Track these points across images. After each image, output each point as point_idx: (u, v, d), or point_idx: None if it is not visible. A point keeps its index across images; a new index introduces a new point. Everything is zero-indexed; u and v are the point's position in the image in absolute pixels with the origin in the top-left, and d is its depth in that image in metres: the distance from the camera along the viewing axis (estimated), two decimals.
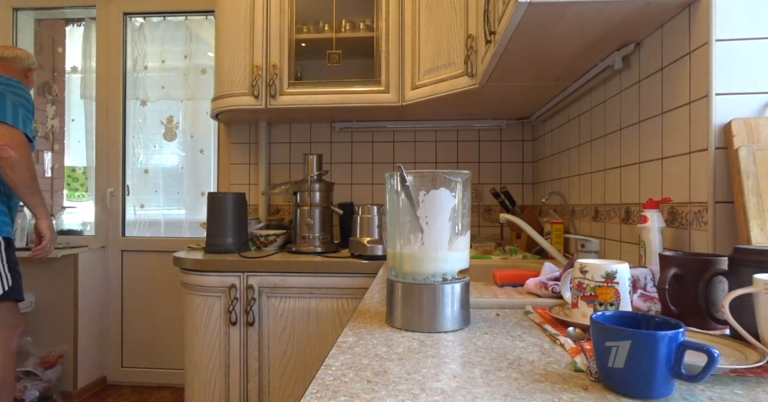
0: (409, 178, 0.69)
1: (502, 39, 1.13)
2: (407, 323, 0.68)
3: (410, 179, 0.69)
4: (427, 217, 0.68)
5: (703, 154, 0.86)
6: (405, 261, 0.69)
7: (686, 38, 0.92)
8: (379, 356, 0.57)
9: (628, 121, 1.19)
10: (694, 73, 0.89)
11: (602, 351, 0.45)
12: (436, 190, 0.67)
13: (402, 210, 0.69)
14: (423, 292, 0.68)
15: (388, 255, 0.73)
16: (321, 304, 1.56)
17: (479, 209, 2.18)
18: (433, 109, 1.92)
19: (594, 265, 0.69)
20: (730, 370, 0.49)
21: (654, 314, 0.47)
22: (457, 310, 0.69)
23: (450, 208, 0.68)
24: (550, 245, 0.65)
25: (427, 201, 0.67)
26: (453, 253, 0.69)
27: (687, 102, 0.92)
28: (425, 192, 0.68)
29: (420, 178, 0.69)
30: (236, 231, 1.76)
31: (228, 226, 1.74)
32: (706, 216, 0.85)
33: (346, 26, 1.92)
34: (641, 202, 1.12)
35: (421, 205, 0.68)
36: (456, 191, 0.68)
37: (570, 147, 1.64)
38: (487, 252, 1.60)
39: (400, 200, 0.69)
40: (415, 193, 0.68)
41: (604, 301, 0.67)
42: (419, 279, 0.68)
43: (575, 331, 0.63)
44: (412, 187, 0.68)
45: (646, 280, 0.85)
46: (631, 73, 1.18)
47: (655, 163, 1.05)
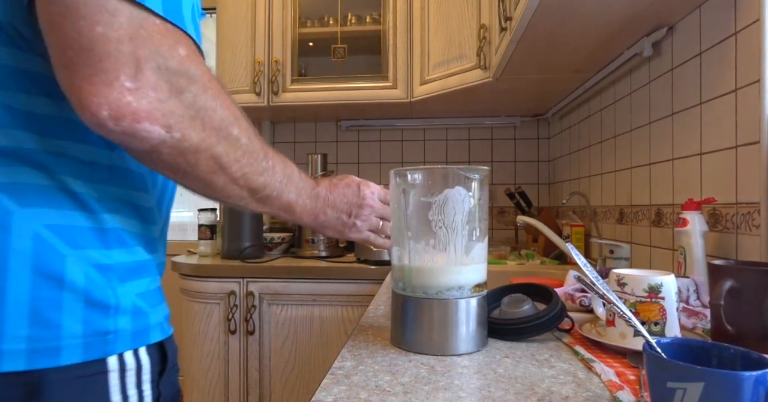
0: (418, 175, 0.59)
1: (519, 25, 1.03)
2: (415, 344, 0.58)
3: (419, 176, 0.59)
4: (440, 221, 0.58)
5: (754, 147, 0.75)
6: (413, 272, 0.60)
7: (731, 17, 0.82)
8: (380, 388, 0.47)
9: (659, 114, 1.08)
10: (742, 56, 0.79)
11: (663, 393, 0.35)
12: (451, 189, 0.57)
13: (410, 213, 0.60)
14: (434, 308, 0.58)
15: (393, 265, 0.63)
16: (325, 311, 1.47)
17: (492, 211, 2.07)
18: (443, 106, 1.82)
19: (634, 276, 0.59)
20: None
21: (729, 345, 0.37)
22: (474, 329, 0.59)
23: (467, 210, 0.58)
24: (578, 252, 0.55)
25: (439, 202, 0.57)
26: (470, 264, 0.59)
27: (732, 89, 0.81)
28: (437, 191, 0.58)
29: (431, 175, 0.59)
30: (255, 235, 1.67)
31: (246, 229, 1.64)
32: (757, 218, 0.75)
33: (352, 20, 1.84)
34: (675, 202, 1.01)
35: (432, 207, 0.58)
36: (473, 190, 0.58)
37: (591, 144, 1.53)
38: (502, 257, 1.50)
39: (408, 201, 0.59)
40: (426, 193, 0.58)
41: (647, 319, 0.57)
42: (431, 293, 0.58)
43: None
44: (422, 185, 0.59)
45: (688, 292, 0.74)
46: (662, 61, 1.07)
47: (692, 159, 0.95)
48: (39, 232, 0.41)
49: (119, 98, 0.36)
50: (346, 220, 0.61)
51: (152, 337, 0.49)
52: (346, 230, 0.62)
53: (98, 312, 0.44)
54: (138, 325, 0.47)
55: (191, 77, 0.40)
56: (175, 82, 0.39)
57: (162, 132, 0.39)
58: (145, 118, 0.37)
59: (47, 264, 0.41)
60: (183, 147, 0.41)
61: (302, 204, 0.56)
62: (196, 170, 0.43)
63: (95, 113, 0.36)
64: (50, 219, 0.42)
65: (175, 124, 0.39)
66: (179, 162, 0.42)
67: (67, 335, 0.42)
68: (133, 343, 0.46)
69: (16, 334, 0.40)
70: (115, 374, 0.45)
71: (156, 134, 0.38)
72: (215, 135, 0.42)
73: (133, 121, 0.37)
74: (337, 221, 0.61)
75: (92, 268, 0.44)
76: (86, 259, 0.44)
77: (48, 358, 0.41)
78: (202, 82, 0.41)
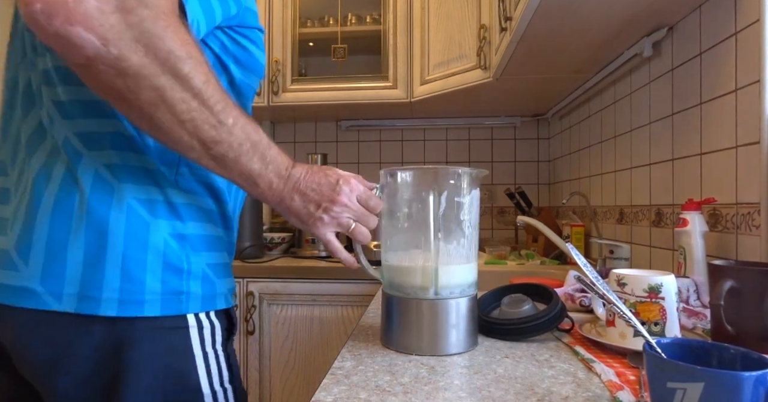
0: (407, 173, 0.60)
1: (519, 25, 1.03)
2: (403, 345, 0.58)
3: (408, 176, 0.59)
4: (427, 221, 0.58)
5: (754, 148, 0.75)
6: (400, 270, 0.60)
7: (731, 17, 0.82)
8: (380, 388, 0.47)
9: (659, 115, 1.08)
10: (742, 56, 0.79)
11: (663, 394, 0.35)
12: (439, 189, 0.57)
13: (400, 213, 0.60)
14: (421, 307, 0.57)
15: (382, 266, 0.63)
16: (325, 311, 1.47)
17: (492, 211, 2.07)
18: (443, 106, 1.82)
19: (634, 276, 0.59)
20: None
21: (729, 345, 0.37)
22: (463, 331, 0.58)
23: (455, 210, 0.58)
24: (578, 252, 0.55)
25: (428, 202, 0.58)
26: (456, 264, 0.59)
27: (733, 89, 0.81)
28: (426, 191, 0.58)
29: (421, 175, 0.60)
30: (255, 235, 1.67)
31: (246, 229, 1.64)
32: (758, 219, 0.75)
33: (352, 20, 1.84)
34: (675, 202, 1.01)
35: (421, 206, 0.58)
36: (462, 191, 0.58)
37: (591, 144, 1.53)
38: (502, 257, 1.50)
39: (399, 200, 0.60)
40: (415, 192, 0.59)
41: (647, 319, 0.57)
42: (414, 293, 0.58)
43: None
44: (412, 185, 0.59)
45: (688, 293, 0.74)
46: (662, 61, 1.07)
47: (692, 159, 0.95)
48: (131, 203, 0.51)
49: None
50: (313, 212, 0.55)
51: (218, 303, 0.57)
52: (310, 222, 0.55)
53: (173, 274, 0.52)
54: (207, 290, 0.55)
55: (145, 2, 0.39)
56: (127, 5, 0.38)
57: (96, 43, 0.38)
58: (79, 23, 0.37)
59: (135, 229, 0.51)
60: (120, 67, 0.40)
61: (268, 180, 0.52)
62: (137, 99, 0.42)
63: (29, 3, 0.35)
64: (138, 193, 0.52)
65: (113, 39, 0.38)
66: (118, 84, 0.41)
67: (148, 291, 0.51)
68: (203, 306, 0.55)
69: (112, 286, 0.49)
70: (195, 331, 0.54)
71: (90, 43, 0.38)
72: (159, 65, 0.41)
73: (65, 21, 0.36)
74: (303, 210, 0.55)
75: (169, 236, 0.53)
76: (165, 227, 0.53)
77: (133, 308, 0.50)
78: (157, 10, 0.40)
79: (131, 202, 0.51)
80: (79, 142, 0.51)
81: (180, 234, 0.54)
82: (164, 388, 0.52)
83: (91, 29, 0.37)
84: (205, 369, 0.55)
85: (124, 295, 0.50)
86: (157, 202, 0.53)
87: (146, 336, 0.51)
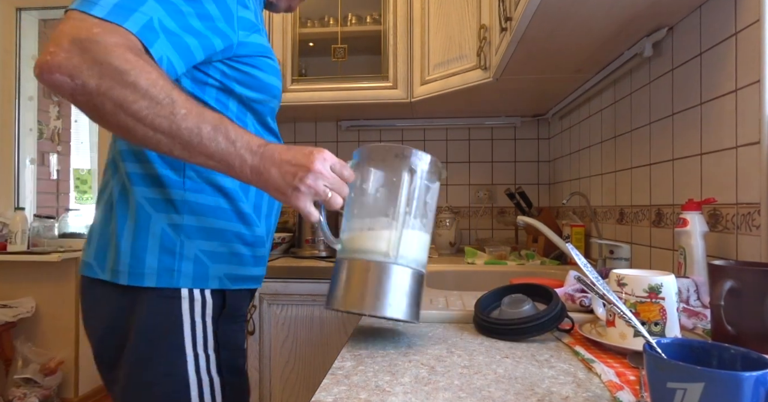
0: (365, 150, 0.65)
1: (519, 25, 1.03)
2: (352, 303, 0.60)
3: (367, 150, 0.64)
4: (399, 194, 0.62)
5: (754, 148, 0.75)
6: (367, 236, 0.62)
7: (731, 17, 0.82)
8: (380, 388, 0.47)
9: (659, 115, 1.08)
10: (742, 57, 0.79)
11: (663, 394, 0.35)
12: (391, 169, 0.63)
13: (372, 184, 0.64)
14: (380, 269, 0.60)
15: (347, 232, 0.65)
16: (325, 311, 1.47)
17: (492, 211, 2.07)
18: (443, 106, 1.82)
19: (634, 276, 0.59)
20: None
21: (729, 345, 0.37)
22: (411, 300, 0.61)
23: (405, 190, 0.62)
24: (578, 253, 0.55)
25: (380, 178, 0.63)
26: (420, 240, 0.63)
27: (733, 89, 0.81)
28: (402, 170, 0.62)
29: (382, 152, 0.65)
30: None
31: None
32: (758, 219, 0.74)
33: (352, 20, 1.84)
34: (675, 203, 1.01)
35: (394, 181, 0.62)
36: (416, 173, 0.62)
37: (591, 144, 1.53)
38: (502, 257, 1.50)
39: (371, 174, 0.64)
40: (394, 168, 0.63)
41: (647, 319, 0.57)
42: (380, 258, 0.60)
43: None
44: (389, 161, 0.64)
45: (689, 293, 0.74)
46: (662, 61, 1.07)
47: (692, 159, 0.95)
48: (140, 201, 0.68)
49: (43, 59, 0.53)
50: (290, 182, 0.57)
51: (210, 284, 0.69)
52: (289, 193, 0.58)
53: (167, 255, 0.67)
54: (198, 271, 0.68)
55: (98, 42, 0.53)
56: (83, 47, 0.53)
57: (68, 80, 0.53)
58: (56, 70, 0.52)
59: (141, 221, 0.67)
60: (87, 91, 0.53)
61: (240, 157, 0.57)
62: (104, 112, 0.54)
63: (35, 68, 0.53)
64: (146, 193, 0.68)
65: (77, 74, 0.52)
66: (92, 105, 0.54)
67: (147, 267, 0.66)
68: (193, 283, 0.68)
69: (124, 262, 0.67)
70: (186, 302, 0.68)
71: (65, 81, 0.53)
72: (110, 80, 0.53)
73: (48, 72, 0.52)
74: (281, 181, 0.58)
75: (167, 225, 0.68)
76: (163, 219, 0.68)
77: (136, 280, 0.66)
78: (106, 46, 0.53)
79: (140, 200, 0.68)
80: (117, 159, 0.71)
81: (176, 224, 0.68)
82: (157, 342, 0.66)
83: (63, 72, 0.52)
84: (191, 334, 0.68)
85: (131, 269, 0.66)
86: (159, 200, 0.68)
87: (147, 301, 0.67)
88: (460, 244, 1.92)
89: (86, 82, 0.52)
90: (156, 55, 0.58)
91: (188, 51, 0.61)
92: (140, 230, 0.67)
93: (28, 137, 2.55)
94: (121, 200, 0.69)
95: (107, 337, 0.70)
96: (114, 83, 0.53)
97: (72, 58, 0.52)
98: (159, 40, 0.58)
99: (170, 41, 0.59)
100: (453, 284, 1.33)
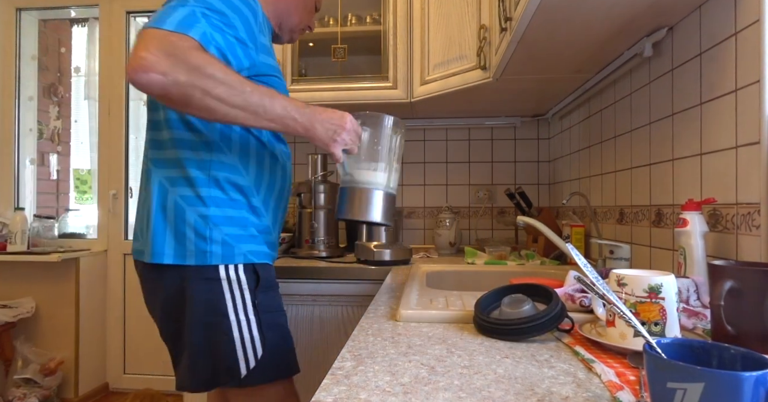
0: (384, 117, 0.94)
1: (519, 25, 1.03)
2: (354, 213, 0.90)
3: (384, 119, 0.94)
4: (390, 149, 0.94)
5: (754, 148, 0.75)
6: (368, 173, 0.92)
7: (731, 18, 0.82)
8: (380, 388, 0.47)
9: (659, 115, 1.08)
10: (742, 57, 0.79)
11: (662, 394, 0.35)
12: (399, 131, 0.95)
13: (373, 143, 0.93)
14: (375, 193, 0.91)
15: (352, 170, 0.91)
16: (325, 311, 1.47)
17: (492, 211, 2.07)
18: (443, 107, 1.82)
19: (634, 276, 0.59)
20: None
21: (729, 345, 0.37)
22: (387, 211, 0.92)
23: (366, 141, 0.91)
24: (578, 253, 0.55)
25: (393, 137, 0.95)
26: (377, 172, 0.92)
27: (733, 90, 0.81)
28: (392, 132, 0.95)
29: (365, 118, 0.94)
30: None
31: None
32: (758, 219, 0.74)
33: (352, 20, 1.84)
34: (675, 203, 1.01)
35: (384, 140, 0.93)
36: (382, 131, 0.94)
37: (591, 144, 1.53)
38: (502, 257, 1.50)
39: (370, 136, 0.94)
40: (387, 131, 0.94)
41: (647, 319, 0.57)
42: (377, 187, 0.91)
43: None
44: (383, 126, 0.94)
45: (689, 293, 0.74)
46: (662, 62, 1.07)
47: (692, 159, 0.95)
48: (175, 198, 0.88)
49: (137, 63, 0.68)
50: (331, 136, 0.83)
51: (237, 260, 0.89)
52: (330, 143, 0.84)
53: (200, 239, 0.87)
54: (225, 251, 0.88)
55: (177, 46, 0.71)
56: (167, 51, 0.70)
57: (161, 77, 0.69)
58: (151, 70, 0.68)
59: (179, 213, 0.88)
60: (179, 83, 0.70)
61: (292, 117, 0.79)
62: (194, 99, 0.72)
63: (129, 72, 0.69)
64: (181, 191, 0.88)
65: (169, 71, 0.69)
66: (183, 95, 0.71)
67: (187, 249, 0.87)
68: (223, 260, 0.88)
69: (170, 245, 0.87)
70: (224, 278, 0.88)
71: (159, 78, 0.69)
72: (195, 75, 0.71)
73: (144, 72, 0.68)
74: (324, 135, 0.83)
75: (198, 216, 0.88)
76: (194, 211, 0.88)
77: (181, 259, 0.87)
78: (183, 49, 0.71)
79: (176, 198, 0.88)
80: (151, 167, 0.92)
81: (204, 215, 0.88)
82: (205, 311, 0.87)
83: (157, 71, 0.69)
84: (232, 305, 0.87)
85: (176, 252, 0.87)
86: (190, 196, 0.88)
87: (194, 278, 0.87)
88: (460, 244, 1.92)
89: (177, 78, 0.69)
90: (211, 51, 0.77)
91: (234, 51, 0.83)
92: (180, 221, 0.87)
93: (28, 137, 2.55)
94: (160, 200, 0.88)
95: (166, 311, 0.90)
96: (198, 76, 0.71)
97: (161, 60, 0.69)
98: (211, 46, 0.77)
99: (219, 47, 0.78)
100: (453, 284, 1.33)
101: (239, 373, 0.87)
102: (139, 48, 0.68)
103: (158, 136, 0.91)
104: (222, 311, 0.87)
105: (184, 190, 0.88)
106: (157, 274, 0.89)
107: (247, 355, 0.87)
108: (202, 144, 0.88)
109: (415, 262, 1.51)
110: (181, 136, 0.89)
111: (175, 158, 0.88)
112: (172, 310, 0.89)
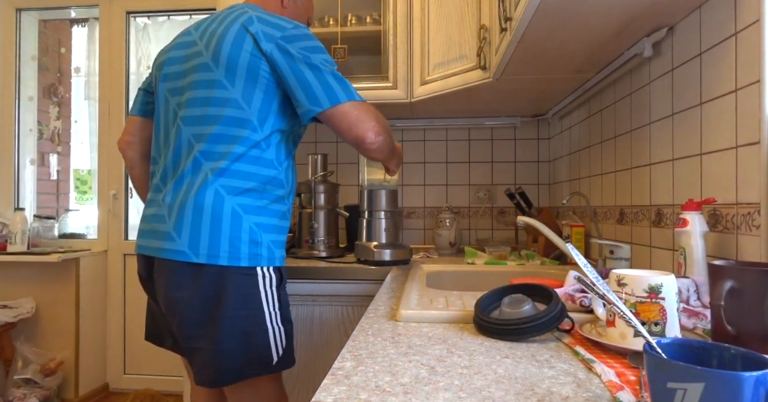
0: None
1: (519, 25, 1.03)
2: None
3: None
4: None
5: (754, 148, 0.75)
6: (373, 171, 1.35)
7: (731, 17, 0.82)
8: (380, 388, 0.47)
9: (659, 115, 1.08)
10: (742, 57, 0.79)
11: (663, 394, 0.35)
12: None
13: None
14: None
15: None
16: (325, 311, 1.47)
17: (492, 211, 2.07)
18: (443, 107, 1.82)
19: (634, 276, 0.59)
20: None
21: (729, 345, 0.37)
22: None
23: None
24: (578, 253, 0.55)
25: None
26: None
27: (733, 90, 0.81)
28: None
29: None
30: None
31: None
32: (758, 219, 0.74)
33: (352, 20, 1.84)
34: (675, 203, 1.01)
35: None
36: None
37: (591, 144, 1.53)
38: (502, 257, 1.50)
39: None
40: None
41: (647, 319, 0.57)
42: None
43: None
44: None
45: (689, 293, 0.74)
46: (662, 61, 1.07)
47: (692, 159, 0.95)
48: (234, 207, 0.97)
49: (373, 131, 1.00)
50: (398, 165, 1.26)
51: (275, 262, 1.03)
52: (394, 168, 1.26)
53: (254, 245, 0.99)
54: (269, 254, 1.01)
55: (374, 114, 1.01)
56: (377, 119, 1.01)
57: (381, 139, 1.01)
58: (379, 135, 1.00)
59: (237, 221, 0.97)
60: (387, 143, 1.04)
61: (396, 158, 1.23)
62: (388, 150, 1.07)
63: (367, 144, 1.00)
64: (239, 200, 0.98)
65: (382, 138, 1.01)
66: (386, 149, 1.05)
67: (242, 252, 0.97)
68: (267, 263, 1.01)
69: (225, 249, 0.96)
70: (260, 276, 0.99)
71: (381, 140, 1.01)
72: (387, 133, 1.03)
73: (377, 136, 1.00)
74: (394, 165, 1.25)
75: (253, 224, 0.99)
76: (250, 220, 0.99)
77: (234, 261, 0.96)
78: (376, 115, 1.02)
79: (233, 206, 0.97)
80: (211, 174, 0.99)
81: (258, 223, 1.00)
82: (243, 305, 0.96)
83: (378, 135, 1.00)
84: (265, 299, 0.99)
85: (230, 254, 0.96)
86: (251, 208, 0.99)
87: (237, 275, 0.96)
88: (460, 244, 1.92)
89: (385, 140, 1.02)
90: None
91: None
92: (236, 227, 0.97)
93: (28, 137, 2.55)
94: (216, 206, 0.96)
95: (197, 304, 0.96)
96: (388, 135, 1.04)
97: (380, 130, 1.00)
98: None
99: None
100: (453, 284, 1.33)
101: (272, 361, 0.98)
102: (365, 119, 0.98)
103: (231, 149, 0.98)
104: (258, 303, 0.98)
105: (243, 199, 0.98)
106: (195, 270, 0.95)
107: (277, 345, 0.99)
108: (271, 161, 1.01)
109: (415, 262, 1.51)
110: (260, 155, 0.99)
111: (243, 171, 0.98)
112: (204, 303, 0.94)
